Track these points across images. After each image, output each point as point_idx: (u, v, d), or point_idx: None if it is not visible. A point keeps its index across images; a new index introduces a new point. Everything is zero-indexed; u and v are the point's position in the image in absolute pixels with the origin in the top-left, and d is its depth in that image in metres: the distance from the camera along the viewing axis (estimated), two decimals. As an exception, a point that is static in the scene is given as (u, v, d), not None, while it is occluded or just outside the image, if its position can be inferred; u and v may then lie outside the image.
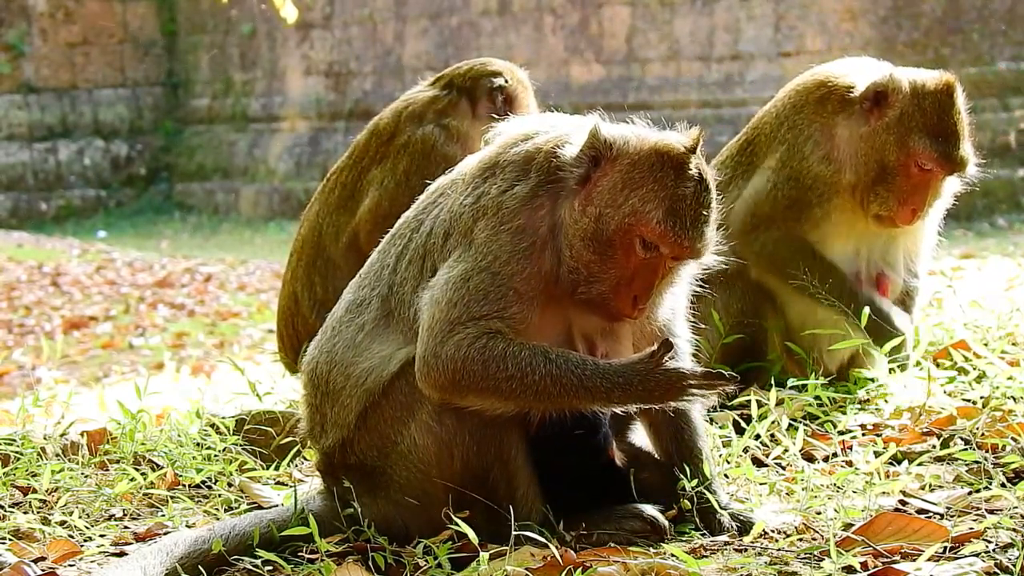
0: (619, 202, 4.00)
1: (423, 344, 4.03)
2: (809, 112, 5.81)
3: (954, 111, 5.57)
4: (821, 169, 5.73)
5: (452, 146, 6.71)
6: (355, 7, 25.34)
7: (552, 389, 3.95)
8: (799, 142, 5.78)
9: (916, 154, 5.57)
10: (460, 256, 4.06)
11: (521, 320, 4.02)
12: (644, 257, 4.02)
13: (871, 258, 5.85)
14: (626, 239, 4.00)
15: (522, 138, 4.19)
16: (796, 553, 3.83)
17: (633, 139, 4.07)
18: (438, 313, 4.02)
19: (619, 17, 22.70)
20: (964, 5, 20.61)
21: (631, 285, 4.03)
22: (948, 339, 6.15)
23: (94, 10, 27.26)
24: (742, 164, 5.96)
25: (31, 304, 17.16)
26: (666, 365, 3.96)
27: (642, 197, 3.99)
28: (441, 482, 4.13)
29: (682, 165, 4.02)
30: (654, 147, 4.04)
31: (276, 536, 4.22)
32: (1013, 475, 4.44)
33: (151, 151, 27.87)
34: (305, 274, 6.99)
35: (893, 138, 5.59)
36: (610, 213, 4.00)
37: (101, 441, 5.44)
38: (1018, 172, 20.36)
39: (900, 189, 5.60)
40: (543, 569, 3.78)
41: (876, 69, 5.79)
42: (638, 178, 4.01)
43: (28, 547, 4.39)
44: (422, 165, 6.67)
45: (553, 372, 3.95)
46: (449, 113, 6.87)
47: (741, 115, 17.68)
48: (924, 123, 5.56)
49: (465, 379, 3.99)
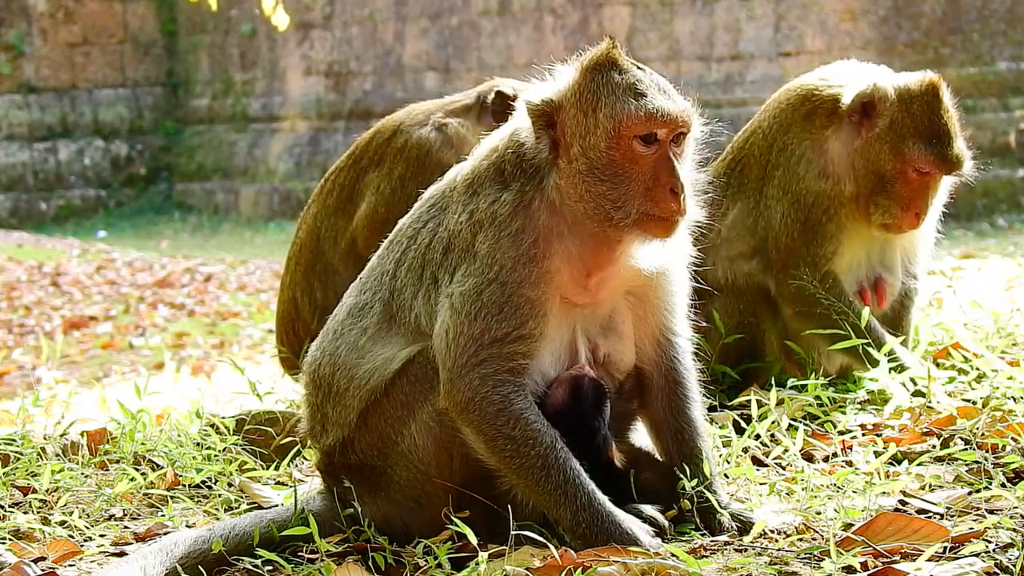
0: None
1: (449, 354, 4.06)
2: (797, 131, 5.77)
3: (943, 110, 5.54)
4: (820, 186, 5.70)
5: (447, 152, 6.69)
6: (355, 7, 25.34)
7: (538, 473, 4.00)
8: (792, 164, 5.76)
9: (912, 160, 5.55)
10: (467, 271, 4.09)
11: (539, 334, 4.06)
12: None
13: (871, 264, 5.84)
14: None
15: (491, 151, 4.23)
16: (796, 553, 3.83)
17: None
18: (459, 325, 4.05)
19: (619, 17, 22.71)
20: (964, 5, 20.61)
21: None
22: (948, 339, 6.15)
23: (94, 10, 27.26)
24: (731, 186, 5.91)
25: (31, 304, 17.16)
26: (626, 529, 3.97)
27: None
28: (441, 482, 4.13)
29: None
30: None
31: (276, 536, 4.23)
32: (1013, 475, 4.44)
33: (151, 151, 27.88)
34: (304, 279, 6.98)
35: (887, 147, 5.57)
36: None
37: (101, 441, 5.43)
38: (1018, 172, 20.36)
39: (900, 196, 5.59)
40: (543, 569, 3.78)
41: (858, 76, 5.75)
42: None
43: (28, 547, 4.39)
44: (417, 172, 6.66)
45: (549, 459, 4.00)
46: (459, 114, 6.85)
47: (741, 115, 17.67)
48: (915, 127, 5.54)
49: (475, 413, 4.03)
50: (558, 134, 4.08)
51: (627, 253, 4.12)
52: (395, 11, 24.97)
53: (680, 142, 4.08)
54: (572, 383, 4.15)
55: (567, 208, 4.08)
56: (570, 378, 4.16)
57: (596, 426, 4.17)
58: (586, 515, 3.98)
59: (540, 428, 4.02)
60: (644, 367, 4.31)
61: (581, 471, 4.04)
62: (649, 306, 4.27)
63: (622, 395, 4.31)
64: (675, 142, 4.06)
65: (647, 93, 4.04)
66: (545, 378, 4.15)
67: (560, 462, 4.01)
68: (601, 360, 4.22)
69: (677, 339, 4.31)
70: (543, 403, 4.12)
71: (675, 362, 4.31)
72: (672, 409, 4.29)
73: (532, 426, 4.02)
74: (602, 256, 4.11)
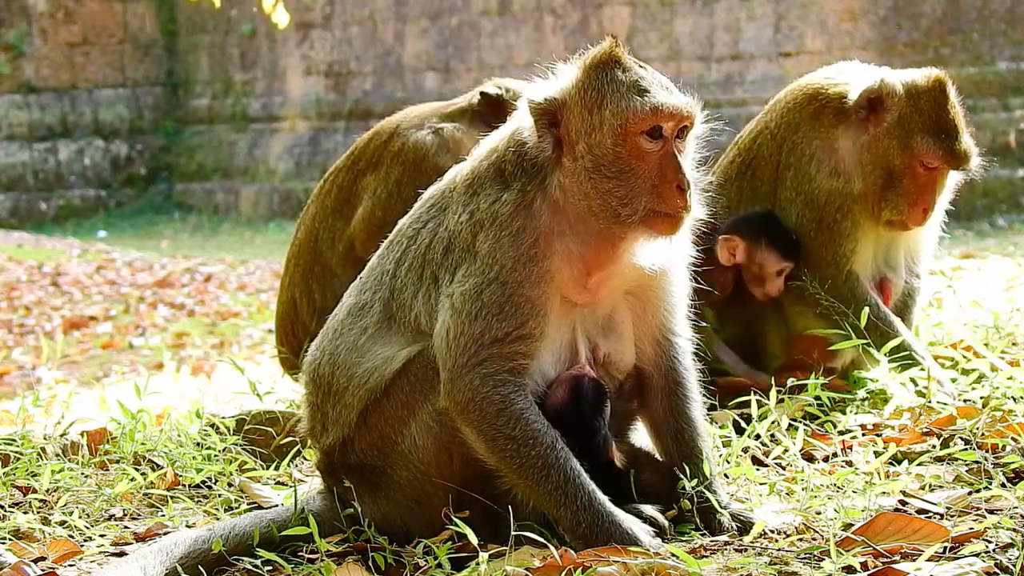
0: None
1: (449, 354, 4.06)
2: (806, 130, 5.77)
3: (950, 106, 5.55)
4: (831, 184, 5.69)
5: (443, 156, 6.66)
6: (355, 7, 25.34)
7: (538, 473, 4.00)
8: (803, 163, 5.75)
9: (920, 154, 5.55)
10: (468, 270, 4.09)
11: (540, 334, 4.06)
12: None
13: (876, 263, 5.84)
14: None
15: (490, 151, 4.23)
16: (796, 553, 3.83)
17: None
18: (459, 325, 4.05)
19: (619, 17, 22.71)
20: (964, 5, 20.61)
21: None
22: (948, 339, 6.15)
23: (94, 10, 27.26)
24: (744, 189, 5.90)
25: (31, 304, 17.16)
26: (627, 530, 3.98)
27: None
28: (441, 482, 4.13)
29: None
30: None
31: (276, 536, 4.23)
32: (1013, 475, 4.44)
33: (151, 151, 27.87)
34: (303, 280, 6.98)
35: (895, 142, 5.57)
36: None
37: (101, 441, 5.43)
38: (1018, 172, 20.36)
39: (908, 191, 5.58)
40: (543, 569, 3.78)
41: (864, 74, 5.75)
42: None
43: (28, 547, 4.39)
44: (413, 176, 6.65)
45: (549, 459, 4.00)
46: (455, 117, 6.84)
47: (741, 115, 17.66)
48: (923, 122, 5.54)
49: (475, 413, 4.03)
50: (562, 132, 4.08)
51: (629, 251, 4.12)
52: (395, 11, 24.97)
53: (684, 137, 4.09)
54: (572, 383, 4.15)
55: (570, 206, 4.08)
56: (570, 378, 4.16)
57: (596, 426, 4.17)
58: (586, 515, 3.99)
59: (540, 428, 4.02)
60: (644, 367, 4.31)
61: (581, 471, 4.04)
62: (649, 306, 4.27)
63: (622, 395, 4.31)
64: (679, 137, 4.07)
65: (650, 89, 4.05)
66: (545, 378, 4.15)
67: (560, 462, 4.01)
68: (601, 360, 4.23)
69: (677, 339, 4.31)
70: (543, 403, 4.13)
71: (675, 362, 4.31)
72: (672, 409, 4.29)
73: (532, 426, 4.02)
74: (604, 255, 4.11)
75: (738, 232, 5.75)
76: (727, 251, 5.75)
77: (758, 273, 5.75)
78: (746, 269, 5.76)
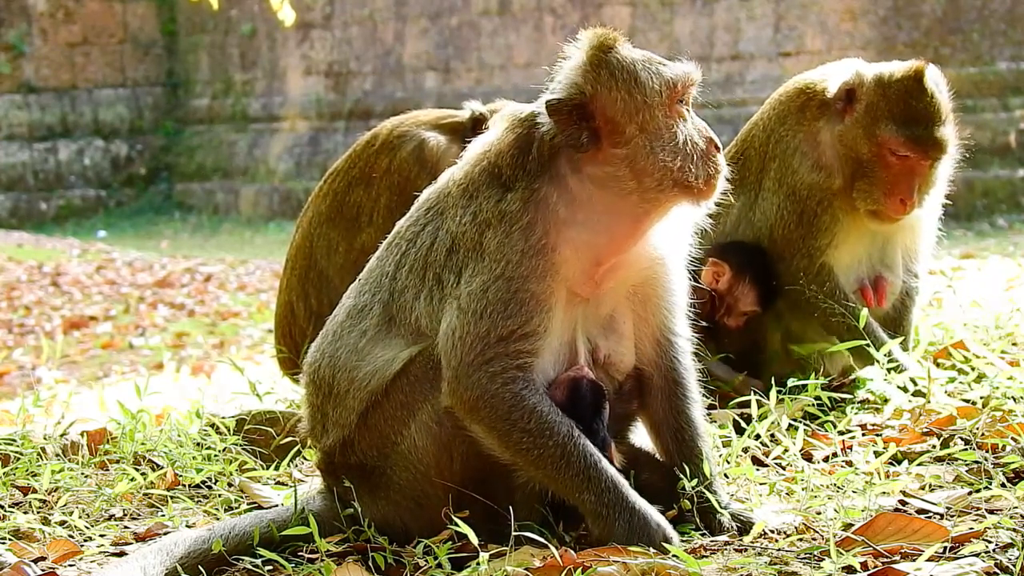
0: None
1: (455, 353, 4.06)
2: (792, 123, 5.79)
3: (923, 95, 5.50)
4: (813, 178, 5.71)
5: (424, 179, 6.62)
6: (355, 7, 25.34)
7: (558, 461, 4.01)
8: (787, 155, 5.77)
9: (885, 141, 5.53)
10: (475, 269, 4.09)
11: (544, 331, 4.07)
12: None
13: (871, 262, 5.83)
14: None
15: (480, 156, 4.23)
16: (796, 553, 3.83)
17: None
18: (466, 324, 4.05)
19: (619, 17, 22.71)
20: (964, 5, 20.61)
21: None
22: (948, 339, 6.15)
23: (94, 10, 27.27)
24: (734, 180, 5.91)
25: (31, 304, 17.17)
26: (650, 519, 4.00)
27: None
28: (441, 482, 4.13)
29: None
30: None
31: (276, 536, 4.23)
32: (1013, 475, 4.44)
33: (151, 151, 27.88)
34: (299, 285, 6.98)
35: (862, 130, 5.57)
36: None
37: (101, 441, 5.43)
38: (1018, 172, 20.36)
39: (882, 180, 5.57)
40: (543, 569, 3.78)
41: (851, 69, 5.76)
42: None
43: (28, 547, 4.39)
44: (400, 202, 6.64)
45: (568, 447, 4.01)
46: (445, 131, 6.82)
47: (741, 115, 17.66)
48: (889, 110, 5.52)
49: (485, 411, 4.04)
50: (598, 123, 4.08)
51: (647, 234, 4.15)
52: (395, 11, 24.97)
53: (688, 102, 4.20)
54: (570, 384, 4.15)
55: (599, 195, 4.07)
56: (568, 379, 4.15)
57: (595, 428, 4.17)
58: (611, 496, 4.00)
59: (555, 418, 4.04)
60: (644, 367, 4.31)
61: (600, 455, 4.06)
62: (650, 305, 4.28)
63: (622, 396, 4.31)
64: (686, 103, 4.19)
65: (661, 60, 4.16)
66: (545, 378, 4.15)
67: (580, 448, 4.03)
68: (601, 361, 4.23)
69: (677, 339, 4.32)
70: (543, 403, 4.12)
71: (675, 362, 4.31)
72: (672, 409, 4.29)
73: (547, 418, 4.03)
74: (619, 241, 4.12)
75: (727, 260, 5.77)
76: (712, 275, 5.77)
77: (731, 304, 5.78)
78: (721, 295, 5.78)
